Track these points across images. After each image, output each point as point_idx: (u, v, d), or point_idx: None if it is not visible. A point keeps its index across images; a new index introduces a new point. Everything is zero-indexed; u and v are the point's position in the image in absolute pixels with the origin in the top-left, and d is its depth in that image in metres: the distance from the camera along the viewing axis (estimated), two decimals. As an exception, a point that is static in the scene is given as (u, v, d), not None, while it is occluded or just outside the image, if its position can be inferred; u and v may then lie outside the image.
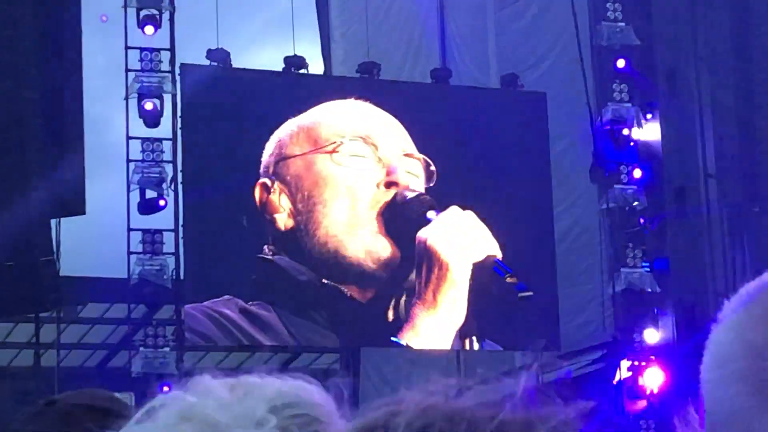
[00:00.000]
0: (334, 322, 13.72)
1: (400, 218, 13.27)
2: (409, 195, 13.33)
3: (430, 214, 13.05)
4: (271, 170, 13.55)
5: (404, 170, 13.66)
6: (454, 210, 13.12)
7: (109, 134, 15.35)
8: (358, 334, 14.23)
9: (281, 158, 13.57)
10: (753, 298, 1.20)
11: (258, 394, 1.37)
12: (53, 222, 13.89)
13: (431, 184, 13.79)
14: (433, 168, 13.86)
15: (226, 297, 13.43)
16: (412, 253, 13.17)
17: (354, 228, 13.37)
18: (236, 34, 16.05)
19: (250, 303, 13.43)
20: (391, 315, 13.59)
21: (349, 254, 13.36)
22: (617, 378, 14.70)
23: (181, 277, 13.90)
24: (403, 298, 13.54)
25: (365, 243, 13.36)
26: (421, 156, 13.89)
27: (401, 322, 13.52)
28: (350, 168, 13.48)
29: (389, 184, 13.41)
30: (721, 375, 1.15)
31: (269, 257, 13.44)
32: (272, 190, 13.44)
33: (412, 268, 13.27)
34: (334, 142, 13.52)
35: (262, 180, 13.52)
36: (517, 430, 0.94)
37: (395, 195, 13.37)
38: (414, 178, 13.73)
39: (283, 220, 13.40)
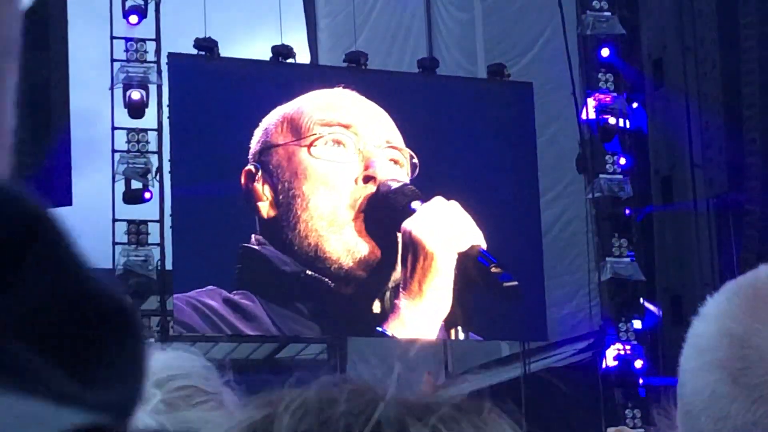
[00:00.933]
0: (318, 314, 13.72)
1: (384, 210, 13.27)
2: (394, 185, 13.33)
3: (415, 204, 13.08)
4: (256, 158, 13.56)
5: (386, 159, 13.66)
6: (438, 200, 13.15)
7: (95, 126, 15.32)
8: (342, 326, 14.23)
9: (266, 146, 13.59)
10: (734, 291, 1.22)
11: None
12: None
13: (414, 176, 13.80)
14: (416, 161, 13.87)
15: (210, 287, 13.40)
16: (395, 251, 13.20)
17: (334, 226, 13.37)
18: (223, 24, 16.00)
19: (234, 293, 13.41)
20: (377, 307, 13.60)
21: (328, 251, 13.37)
22: (603, 367, 14.73)
23: (167, 267, 13.88)
24: (388, 293, 13.56)
25: (346, 242, 13.37)
26: (406, 149, 13.90)
27: (386, 313, 13.54)
28: (328, 162, 13.47)
29: (367, 179, 13.41)
30: (701, 364, 1.18)
31: (254, 246, 13.44)
32: (257, 178, 13.46)
33: (394, 268, 13.30)
34: (314, 134, 13.52)
35: (248, 166, 13.53)
36: (394, 429, 0.88)
37: (379, 186, 13.37)
38: (398, 168, 13.72)
39: (266, 209, 13.42)
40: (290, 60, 14.93)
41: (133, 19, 14.10)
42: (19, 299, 0.54)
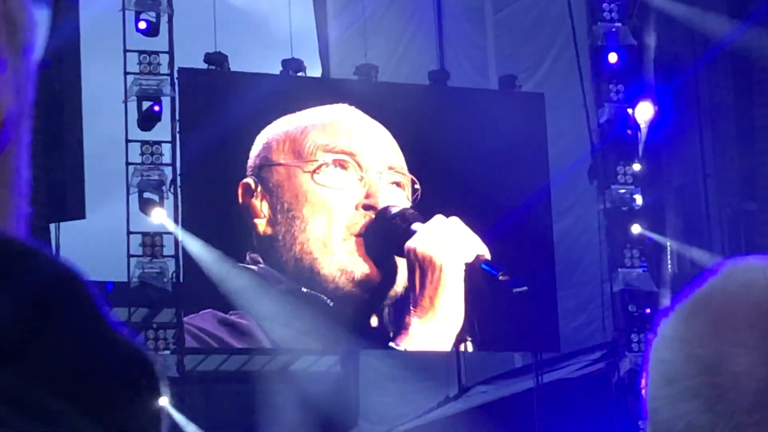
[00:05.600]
0: (317, 331, 13.70)
1: (384, 234, 13.31)
2: (394, 210, 13.38)
3: (415, 225, 13.15)
4: (255, 172, 13.60)
5: (388, 183, 13.70)
6: (438, 218, 13.24)
7: (108, 139, 15.35)
8: (345, 342, 14.22)
9: (266, 163, 13.61)
10: (692, 312, 1.19)
11: None
12: (53, 226, 13.91)
13: (415, 201, 13.81)
14: (417, 186, 13.91)
15: (206, 311, 13.45)
16: (394, 273, 13.27)
17: (327, 248, 13.41)
18: (234, 38, 16.04)
19: (230, 313, 13.45)
20: (374, 322, 13.60)
21: (323, 271, 13.40)
22: (616, 378, 14.72)
23: (181, 280, 13.91)
24: (387, 309, 13.58)
25: (340, 262, 13.39)
26: (408, 175, 13.93)
27: (387, 328, 13.55)
28: (330, 189, 13.51)
29: (367, 207, 13.45)
30: (672, 392, 1.15)
31: (249, 266, 13.45)
32: (255, 193, 13.50)
33: (391, 286, 13.36)
34: (316, 160, 13.53)
35: (246, 180, 13.55)
36: None
37: (378, 212, 13.40)
38: (399, 191, 13.75)
39: (263, 226, 13.46)
40: (300, 73, 14.97)
41: (142, 24, 14.12)
42: (49, 351, 0.59)
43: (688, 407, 1.13)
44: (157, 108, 13.99)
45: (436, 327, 13.41)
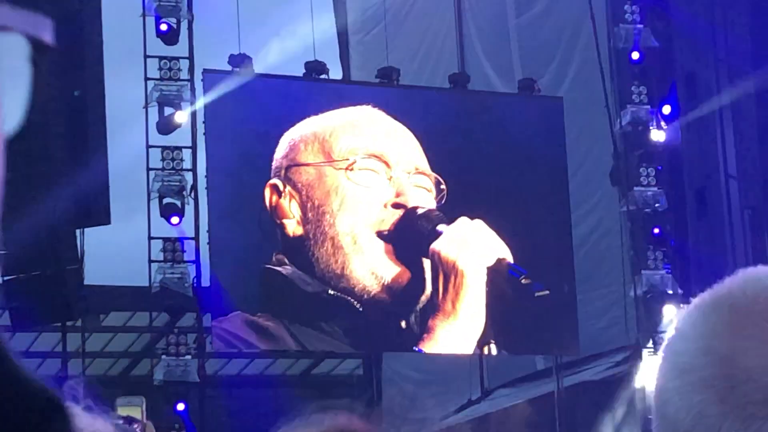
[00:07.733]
0: (346, 332, 13.72)
1: (411, 235, 13.36)
2: (420, 211, 13.47)
3: (441, 227, 13.23)
4: (282, 174, 13.61)
5: (414, 185, 13.75)
6: (463, 220, 13.30)
7: (131, 143, 15.38)
8: (372, 343, 14.25)
9: (294, 164, 13.64)
10: (711, 307, 1.21)
11: None
12: (77, 231, 13.94)
13: (442, 203, 13.84)
14: (443, 186, 13.94)
15: (234, 313, 13.44)
16: (422, 275, 13.30)
17: (356, 245, 13.44)
18: (256, 41, 16.05)
19: (258, 315, 13.45)
20: (403, 324, 13.64)
21: (354, 273, 13.41)
22: (639, 380, 14.67)
23: (203, 284, 13.93)
24: (414, 315, 13.60)
25: (370, 264, 13.42)
26: (433, 174, 13.96)
27: (413, 330, 13.57)
28: (360, 186, 13.56)
29: (396, 206, 13.51)
30: (685, 383, 1.16)
31: (275, 268, 13.45)
32: (283, 194, 13.51)
33: (422, 291, 13.38)
34: (347, 159, 13.59)
35: (273, 181, 13.56)
36: None
37: (405, 212, 13.47)
38: (425, 193, 13.81)
39: (293, 227, 13.47)
40: (323, 76, 14.99)
41: (163, 27, 14.16)
42: None
43: (700, 398, 1.14)
44: (182, 118, 13.98)
45: (459, 330, 13.43)
